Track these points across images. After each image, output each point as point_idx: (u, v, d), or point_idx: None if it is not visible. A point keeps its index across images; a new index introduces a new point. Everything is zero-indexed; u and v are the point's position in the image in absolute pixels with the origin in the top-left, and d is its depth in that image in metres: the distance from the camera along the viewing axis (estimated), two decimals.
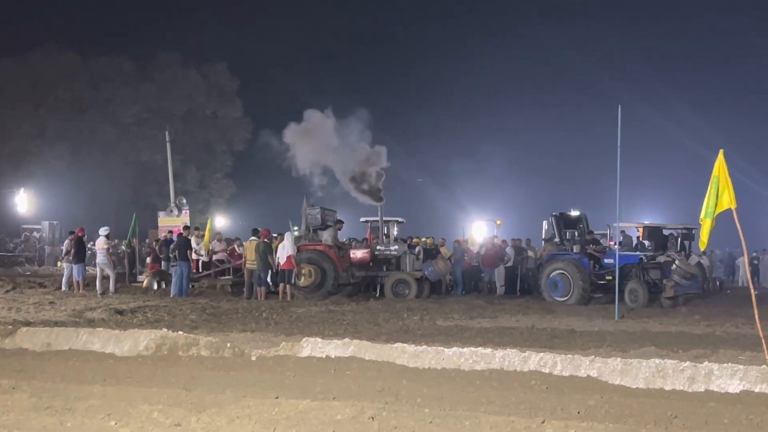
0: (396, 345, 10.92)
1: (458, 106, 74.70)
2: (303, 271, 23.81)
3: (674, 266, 21.92)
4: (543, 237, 29.46)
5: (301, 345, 11.36)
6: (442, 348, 10.56)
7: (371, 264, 25.47)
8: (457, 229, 33.99)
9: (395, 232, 32.19)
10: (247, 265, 23.90)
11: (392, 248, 25.98)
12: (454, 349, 10.44)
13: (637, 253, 23.95)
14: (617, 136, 17.94)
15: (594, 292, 23.25)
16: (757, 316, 10.08)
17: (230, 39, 68.23)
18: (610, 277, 22.38)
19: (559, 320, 17.26)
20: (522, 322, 16.55)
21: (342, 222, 26.96)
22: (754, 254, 35.57)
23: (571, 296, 22.48)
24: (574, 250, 23.57)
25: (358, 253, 25.60)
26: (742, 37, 76.10)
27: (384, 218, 31.27)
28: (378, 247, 26.07)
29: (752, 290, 10.73)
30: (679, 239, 25.99)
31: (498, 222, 36.17)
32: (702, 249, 11.27)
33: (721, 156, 9.80)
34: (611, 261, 22.64)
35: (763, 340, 9.60)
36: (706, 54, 79.65)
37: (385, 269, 25.54)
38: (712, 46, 79.48)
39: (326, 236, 25.26)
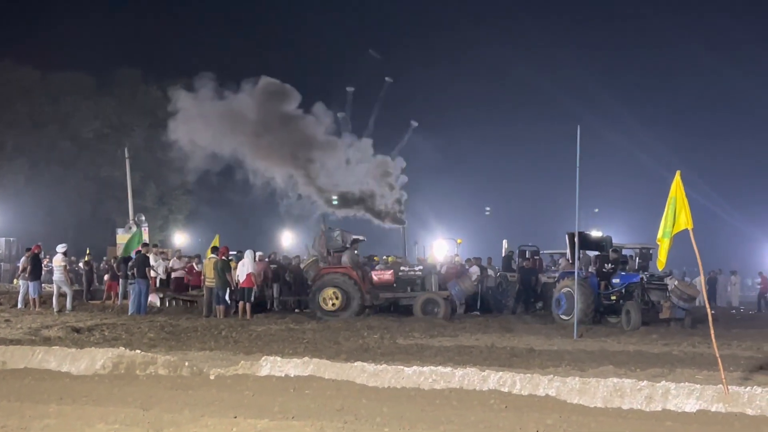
0: (356, 364, 10.91)
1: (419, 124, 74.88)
2: (328, 295, 23.67)
3: (672, 287, 21.76)
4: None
5: (260, 364, 11.30)
6: (402, 367, 10.56)
7: (395, 285, 25.22)
8: (417, 248, 33.91)
9: (356, 250, 32.16)
10: (206, 283, 23.71)
11: (417, 269, 25.71)
12: (414, 368, 10.45)
13: (638, 273, 23.59)
14: (576, 156, 18.12)
15: (605, 313, 22.94)
16: (713, 336, 10.18)
17: (191, 53, 67.97)
18: (615, 297, 22.41)
19: (518, 339, 17.32)
20: (482, 341, 16.57)
21: (358, 242, 26.82)
22: (710, 274, 35.99)
23: (574, 315, 21.79)
24: (590, 270, 23.43)
25: (381, 275, 25.21)
26: (700, 59, 77.52)
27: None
28: (402, 268, 25.73)
29: (708, 310, 10.83)
30: (637, 259, 26.10)
31: (458, 240, 36.25)
32: (660, 269, 11.37)
33: (677, 177, 9.91)
34: (618, 281, 22.63)
35: (719, 360, 9.70)
36: (664, 76, 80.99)
37: (409, 290, 25.17)
38: (671, 67, 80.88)
39: (345, 258, 25.08)
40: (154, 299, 25.54)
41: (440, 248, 35.21)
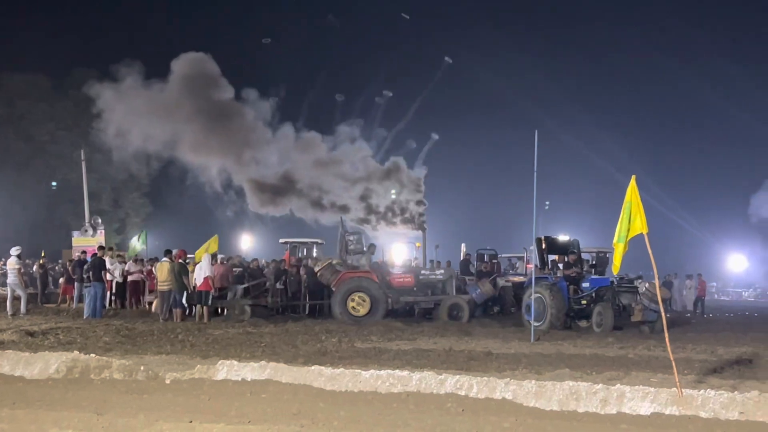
0: (313, 368, 10.88)
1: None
2: (354, 300, 23.53)
3: (643, 290, 21.66)
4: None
5: (216, 368, 11.23)
6: (359, 371, 10.56)
7: (415, 289, 25.06)
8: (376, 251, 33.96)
9: (314, 254, 32.09)
10: (158, 287, 23.49)
11: (438, 272, 25.62)
12: (372, 371, 10.45)
13: (607, 276, 23.62)
14: (534, 160, 18.24)
15: (575, 317, 22.79)
16: (667, 339, 10.31)
17: (150, 55, 67.33)
18: (585, 302, 22.31)
19: (476, 342, 17.36)
20: (440, 345, 16.59)
21: (375, 246, 26.65)
22: (666, 278, 36.39)
23: (545, 321, 21.83)
24: (558, 275, 23.25)
25: (402, 278, 24.99)
26: (658, 63, 78.45)
27: (304, 239, 31.17)
28: (423, 272, 25.59)
29: (663, 314, 10.94)
30: (593, 262, 26.29)
31: (417, 244, 36.23)
32: (615, 273, 11.45)
33: (633, 182, 9.99)
34: (588, 285, 22.56)
35: (673, 363, 9.82)
36: (622, 79, 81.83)
37: (430, 293, 25.12)
38: (629, 72, 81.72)
39: (364, 261, 24.95)
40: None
41: (399, 251, 35.14)
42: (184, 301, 23.19)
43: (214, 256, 24.47)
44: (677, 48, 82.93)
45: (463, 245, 34.16)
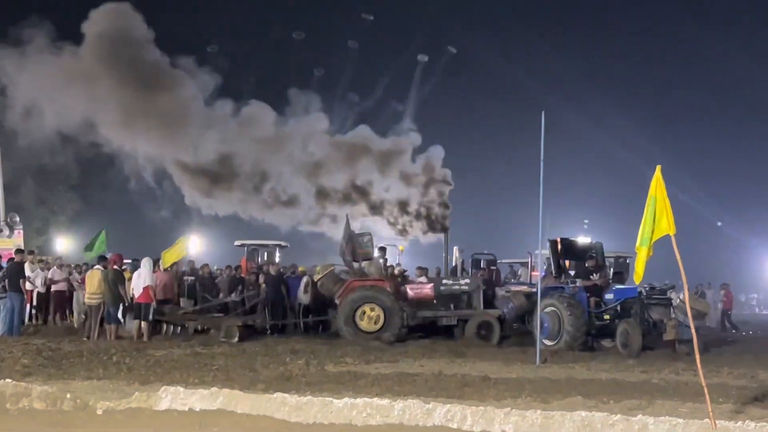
0: (275, 395, 10.87)
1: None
2: (365, 314, 23.55)
3: (677, 301, 21.35)
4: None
5: (158, 395, 11.21)
6: (330, 399, 10.56)
7: (435, 301, 24.98)
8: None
9: (277, 258, 32.09)
10: (86, 299, 23.32)
11: (462, 282, 25.55)
12: (345, 400, 10.45)
13: (635, 286, 22.69)
14: (540, 147, 18.27)
15: (597, 336, 22.78)
16: (698, 361, 10.35)
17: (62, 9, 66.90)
18: (609, 317, 22.15)
19: (470, 365, 17.40)
20: (427, 367, 16.62)
21: (385, 249, 26.52)
22: (697, 289, 36.50)
23: (560, 339, 21.72)
24: (577, 284, 22.95)
25: (419, 289, 25.03)
26: (683, 32, 78.67)
27: (264, 242, 31.12)
28: (444, 281, 25.50)
29: (693, 331, 10.99)
30: (612, 270, 26.24)
31: (400, 248, 36.25)
32: (637, 281, 11.46)
33: (658, 173, 9.97)
34: (611, 296, 22.37)
35: (705, 390, 9.87)
36: (641, 54, 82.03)
37: (452, 307, 25.06)
38: (648, 43, 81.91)
39: (372, 269, 24.91)
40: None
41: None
42: (119, 315, 23.13)
43: (156, 263, 24.33)
44: (707, 12, 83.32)
45: (456, 249, 34.14)
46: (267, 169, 28.35)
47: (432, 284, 25.11)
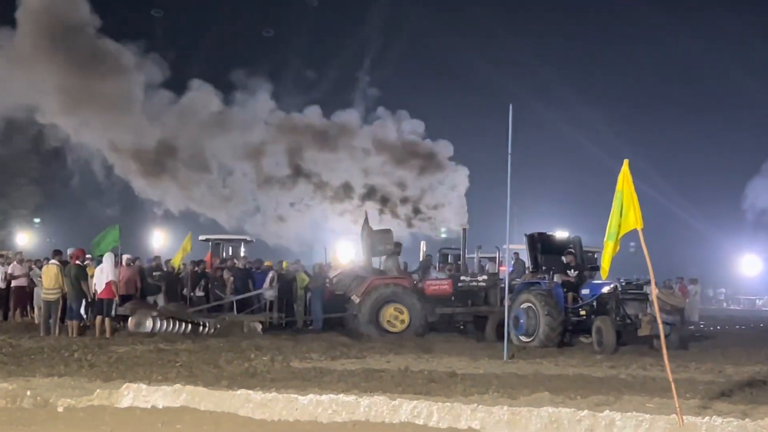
0: (239, 392, 10.84)
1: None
2: (389, 314, 23.47)
3: (653, 296, 20.86)
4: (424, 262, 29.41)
5: (121, 393, 11.15)
6: (295, 395, 10.54)
7: (453, 298, 24.90)
8: (317, 250, 33.78)
9: (242, 253, 32.00)
10: (43, 295, 23.10)
11: (480, 278, 25.50)
12: (311, 396, 10.43)
13: (610, 281, 22.54)
14: (508, 140, 18.32)
15: (574, 332, 22.62)
16: (666, 357, 10.38)
17: None
18: (585, 312, 21.99)
19: (438, 361, 17.42)
20: (394, 363, 16.63)
21: (401, 245, 26.39)
22: (665, 284, 36.63)
23: (536, 336, 21.62)
24: (554, 279, 22.83)
25: (438, 285, 24.93)
26: (650, 25, 79.12)
27: (228, 236, 31.01)
28: (462, 278, 25.44)
29: (660, 327, 11.05)
30: (589, 264, 26.19)
31: None
32: (604, 276, 11.50)
33: (625, 167, 9.98)
34: (587, 291, 22.28)
35: (673, 385, 9.91)
36: (610, 47, 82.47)
37: (470, 304, 25.03)
38: (616, 36, 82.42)
39: (390, 265, 24.77)
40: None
41: (345, 251, 35.05)
42: (82, 311, 22.98)
43: (118, 256, 24.18)
44: (675, 6, 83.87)
45: (423, 243, 34.13)
46: (211, 156, 28.23)
47: (451, 280, 25.09)
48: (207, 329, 23.46)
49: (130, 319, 23.45)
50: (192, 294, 26.24)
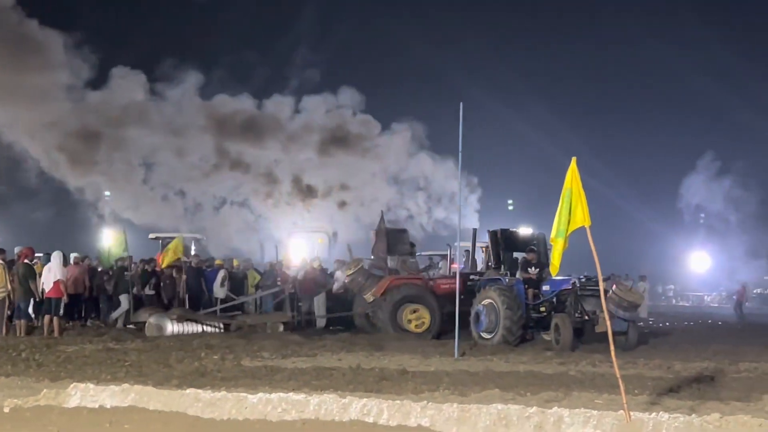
0: (188, 391, 10.79)
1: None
2: (409, 313, 23.33)
3: (610, 293, 20.77)
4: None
5: (68, 392, 11.06)
6: (245, 394, 10.51)
7: (463, 296, 24.49)
8: (268, 248, 33.63)
9: (193, 251, 31.82)
10: None
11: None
12: (260, 395, 10.40)
13: (569, 277, 22.71)
14: (459, 138, 18.37)
15: (535, 328, 22.51)
16: (613, 353, 10.42)
17: None
18: (544, 309, 22.02)
19: (389, 358, 17.44)
20: (345, 361, 16.64)
21: (415, 245, 26.17)
22: (595, 280, 36.68)
23: (496, 333, 21.54)
24: (517, 276, 22.79)
25: (447, 284, 24.46)
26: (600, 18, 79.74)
27: (177, 234, 30.80)
28: (471, 276, 25.08)
29: (608, 323, 11.10)
30: (522, 261, 26.28)
31: (320, 240, 36.08)
32: (554, 274, 11.55)
33: (573, 165, 10.00)
34: (547, 288, 22.25)
35: (620, 381, 9.96)
36: (559, 40, 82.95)
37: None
38: (565, 29, 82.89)
39: (407, 265, 24.54)
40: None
41: (298, 249, 34.95)
42: (30, 310, 22.75)
43: (66, 256, 23.97)
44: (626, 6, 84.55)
45: (348, 245, 34.06)
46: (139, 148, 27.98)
47: (462, 279, 25.00)
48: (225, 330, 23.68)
49: (147, 323, 23.39)
50: (142, 293, 26.02)
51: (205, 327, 23.38)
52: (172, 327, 22.99)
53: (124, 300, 25.30)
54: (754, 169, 57.51)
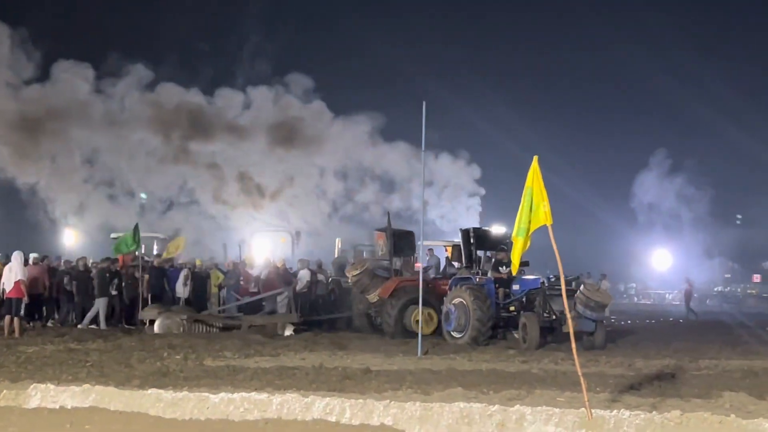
0: (150, 391, 10.75)
1: None
2: (417, 314, 22.90)
3: (578, 292, 20.99)
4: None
5: (28, 393, 11.00)
6: (207, 394, 10.48)
7: None
8: (232, 247, 33.53)
9: (155, 250, 31.67)
10: None
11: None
12: (222, 394, 10.38)
13: (538, 277, 23.02)
14: (422, 137, 18.39)
15: (505, 327, 22.50)
16: (575, 351, 10.46)
17: None
18: (514, 308, 22.04)
19: (352, 357, 17.45)
20: (308, 360, 16.62)
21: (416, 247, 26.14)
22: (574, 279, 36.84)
23: (466, 332, 21.49)
24: (488, 275, 22.77)
25: (446, 285, 24.04)
26: (562, 34, 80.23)
27: (143, 235, 30.66)
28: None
29: (570, 321, 11.13)
30: (493, 260, 26.41)
31: (282, 239, 36.03)
32: (513, 272, 11.60)
33: (535, 163, 10.03)
34: (517, 287, 22.26)
35: (582, 379, 10.00)
36: (521, 37, 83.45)
37: None
38: (528, 28, 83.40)
39: (400, 264, 24.37)
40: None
41: (261, 247, 34.86)
42: None
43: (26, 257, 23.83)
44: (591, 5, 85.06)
45: (338, 240, 34.10)
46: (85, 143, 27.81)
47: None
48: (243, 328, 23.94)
49: (156, 323, 23.40)
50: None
51: (213, 328, 23.65)
52: (180, 328, 23.23)
53: (102, 303, 25.12)
54: (706, 167, 57.81)
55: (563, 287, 10.83)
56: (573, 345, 10.53)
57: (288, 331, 24.09)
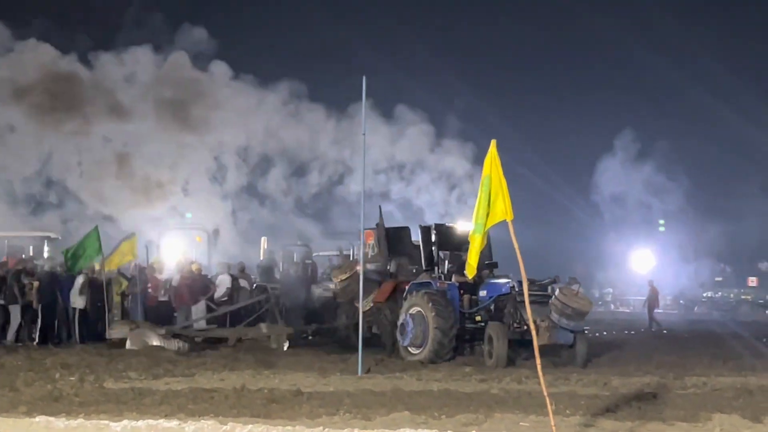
0: (38, 419, 10.70)
1: None
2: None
3: (552, 299, 20.65)
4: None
5: None
6: (107, 422, 10.46)
7: None
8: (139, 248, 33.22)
9: (45, 253, 31.36)
10: None
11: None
12: (125, 422, 10.36)
13: (508, 280, 22.03)
14: (362, 116, 18.41)
15: (471, 340, 22.26)
16: (539, 366, 10.47)
17: None
18: (480, 318, 21.76)
19: (281, 377, 17.43)
20: (228, 381, 16.57)
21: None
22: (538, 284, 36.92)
23: (424, 347, 21.13)
24: (452, 279, 22.57)
25: None
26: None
27: (26, 233, 30.48)
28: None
29: (534, 333, 11.18)
30: (446, 262, 26.40)
31: (198, 239, 35.77)
32: (471, 275, 11.47)
33: (493, 148, 9.93)
34: (485, 293, 21.92)
35: (548, 400, 10.03)
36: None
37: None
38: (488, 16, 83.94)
39: (398, 266, 24.16)
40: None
41: (173, 249, 34.41)
42: None
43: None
44: None
45: (263, 240, 33.93)
46: None
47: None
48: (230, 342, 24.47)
49: (128, 339, 23.33)
50: None
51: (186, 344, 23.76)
52: (159, 344, 23.18)
53: (16, 311, 24.91)
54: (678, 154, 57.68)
55: (525, 292, 10.77)
56: (537, 359, 10.55)
57: (285, 345, 24.07)
